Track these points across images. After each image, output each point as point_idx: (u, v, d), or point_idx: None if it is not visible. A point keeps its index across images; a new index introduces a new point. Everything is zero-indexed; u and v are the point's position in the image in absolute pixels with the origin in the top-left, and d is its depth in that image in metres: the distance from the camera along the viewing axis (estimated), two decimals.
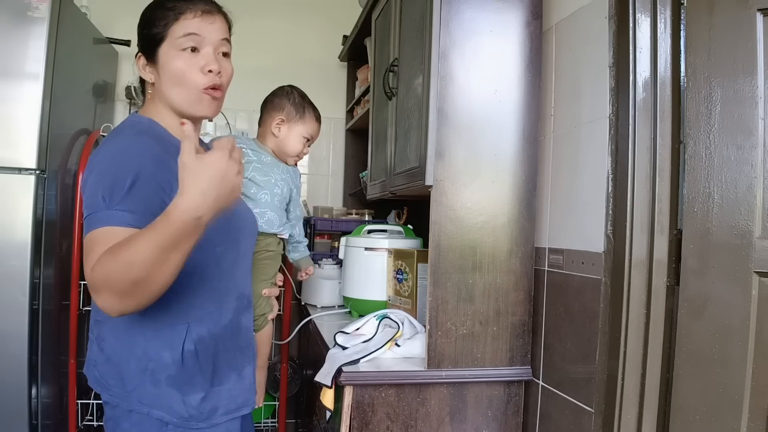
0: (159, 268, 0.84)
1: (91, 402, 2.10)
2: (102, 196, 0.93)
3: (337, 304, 2.19)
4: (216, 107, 1.12)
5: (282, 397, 2.37)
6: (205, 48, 1.07)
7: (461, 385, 1.42)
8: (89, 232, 0.92)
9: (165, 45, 1.07)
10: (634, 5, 1.19)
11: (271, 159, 1.62)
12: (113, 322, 1.03)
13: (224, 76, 1.11)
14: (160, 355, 1.03)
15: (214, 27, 1.09)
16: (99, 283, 0.86)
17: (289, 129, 1.65)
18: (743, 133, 1.05)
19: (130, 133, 1.04)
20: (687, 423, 1.10)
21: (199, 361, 1.06)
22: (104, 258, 0.85)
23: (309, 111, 1.69)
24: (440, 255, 1.39)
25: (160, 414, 1.03)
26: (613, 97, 1.23)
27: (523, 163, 1.45)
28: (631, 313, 1.18)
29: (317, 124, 1.73)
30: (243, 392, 1.15)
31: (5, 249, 1.76)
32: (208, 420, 1.07)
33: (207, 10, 1.09)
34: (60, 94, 1.90)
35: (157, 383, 1.03)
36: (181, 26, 1.06)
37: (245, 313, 1.20)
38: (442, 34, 1.39)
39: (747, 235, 1.04)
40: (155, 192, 0.96)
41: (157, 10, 1.08)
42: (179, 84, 1.07)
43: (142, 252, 0.82)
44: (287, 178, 1.64)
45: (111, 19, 2.50)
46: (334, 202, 2.85)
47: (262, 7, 2.75)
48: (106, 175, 0.95)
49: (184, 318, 1.04)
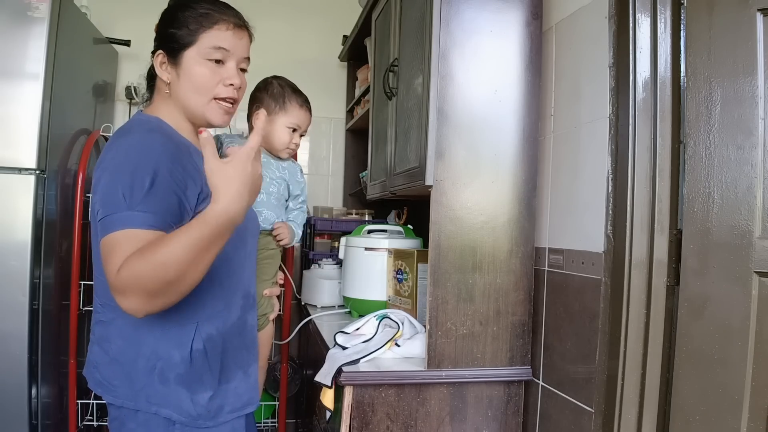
0: (194, 268, 0.87)
1: (91, 402, 2.10)
2: (123, 195, 0.92)
3: (337, 304, 2.19)
4: (228, 119, 1.13)
5: (282, 397, 2.37)
6: (229, 62, 1.09)
7: (461, 385, 1.42)
8: (110, 234, 0.91)
9: (192, 50, 1.06)
10: (634, 5, 1.19)
11: (264, 157, 1.59)
12: (119, 322, 1.03)
13: (241, 90, 1.13)
14: (169, 354, 1.02)
15: (242, 43, 1.11)
16: (128, 285, 0.86)
17: (271, 122, 1.57)
18: (743, 133, 1.05)
19: (142, 131, 1.03)
20: (687, 423, 1.10)
21: (208, 359, 1.06)
22: (133, 260, 0.86)
23: (291, 99, 1.60)
24: (440, 255, 1.39)
25: (168, 413, 1.02)
26: (613, 97, 1.23)
27: (523, 163, 1.45)
28: (631, 313, 1.18)
29: (302, 111, 1.62)
30: (248, 390, 1.15)
31: (5, 249, 1.76)
32: (215, 418, 1.07)
33: (239, 25, 1.10)
34: (60, 94, 1.90)
35: (166, 382, 1.02)
36: (213, 37, 1.06)
37: (251, 312, 1.21)
38: (442, 34, 1.39)
39: (747, 235, 1.04)
40: (173, 190, 0.97)
41: (188, 12, 1.07)
42: (198, 92, 1.08)
43: (177, 253, 0.84)
44: (283, 175, 1.61)
45: (111, 19, 2.50)
46: (334, 202, 2.85)
47: (262, 7, 2.75)
48: (124, 174, 0.94)
49: (193, 317, 1.04)
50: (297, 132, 1.62)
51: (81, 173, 2.04)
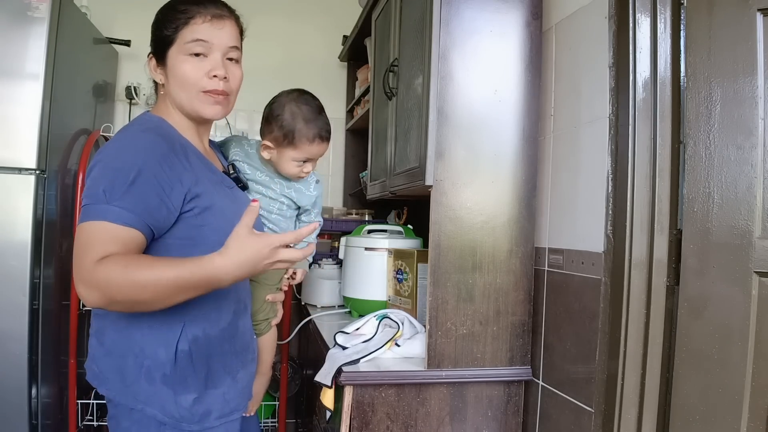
0: (167, 299, 0.91)
1: (91, 402, 2.10)
2: (103, 188, 0.95)
3: (337, 304, 2.19)
4: (220, 110, 1.12)
5: (282, 397, 2.37)
6: (213, 54, 1.08)
7: (461, 385, 1.42)
8: (84, 222, 0.94)
9: (174, 48, 1.08)
10: (634, 5, 1.19)
11: (266, 176, 1.44)
12: (113, 316, 1.05)
13: (232, 81, 1.11)
14: (155, 353, 1.04)
15: (224, 32, 1.09)
16: (98, 284, 0.89)
17: (278, 154, 1.38)
18: (743, 133, 1.05)
19: (138, 130, 1.06)
20: (687, 423, 1.10)
21: (193, 361, 1.06)
22: (115, 266, 0.89)
23: (304, 133, 1.36)
24: (440, 255, 1.39)
25: (153, 412, 1.04)
26: (613, 97, 1.23)
27: (523, 163, 1.45)
28: (631, 313, 1.18)
29: (313, 146, 1.37)
30: (236, 396, 1.15)
31: (5, 249, 1.76)
32: (201, 423, 1.07)
33: (217, 15, 1.09)
34: (60, 94, 1.90)
35: (152, 381, 1.04)
36: (191, 31, 1.07)
37: (243, 317, 1.20)
38: (442, 34, 1.39)
39: (747, 235, 1.04)
40: (156, 192, 0.97)
41: (169, 13, 1.09)
42: (184, 87, 1.08)
43: (160, 283, 0.88)
44: (288, 194, 1.49)
45: (111, 19, 2.50)
46: (334, 202, 2.85)
47: (263, 7, 2.75)
48: (109, 168, 0.97)
49: (181, 317, 1.05)
50: (309, 162, 1.41)
51: (81, 173, 2.04)
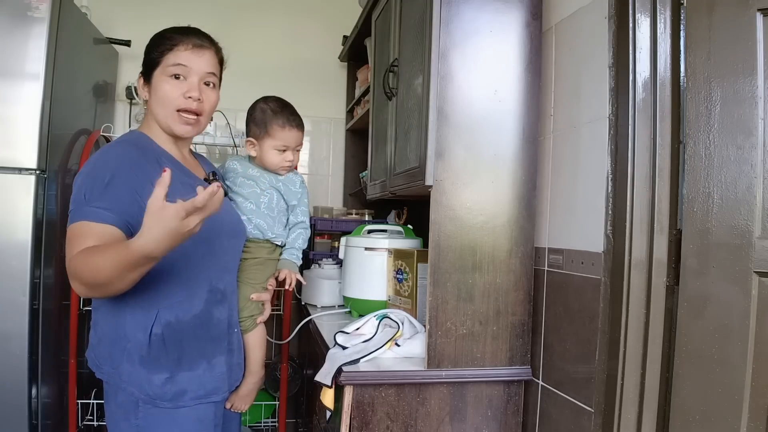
0: (120, 279, 1.01)
1: (91, 402, 2.11)
2: (84, 193, 1.11)
3: (337, 304, 2.19)
4: (190, 129, 1.28)
5: (282, 397, 2.37)
6: (191, 77, 1.25)
7: (461, 385, 1.42)
8: (70, 225, 1.10)
9: (158, 70, 1.25)
10: (634, 5, 1.19)
11: (257, 171, 1.60)
12: (104, 307, 1.21)
13: (206, 103, 1.28)
14: (135, 336, 1.18)
15: (202, 60, 1.26)
16: (73, 273, 1.05)
17: (259, 147, 1.57)
18: (743, 133, 1.05)
19: (116, 143, 1.24)
20: (687, 423, 1.10)
21: (165, 344, 1.20)
22: (80, 256, 1.03)
23: (273, 122, 1.56)
24: (440, 255, 1.39)
25: (133, 390, 1.18)
26: (613, 97, 1.23)
27: (523, 163, 1.45)
28: (631, 313, 1.18)
29: (285, 131, 1.56)
30: (213, 380, 1.27)
31: (5, 249, 1.76)
32: (174, 401, 1.20)
33: (198, 44, 1.26)
34: (60, 94, 1.90)
35: (132, 362, 1.18)
36: (173, 56, 1.24)
37: (218, 306, 1.31)
38: (442, 34, 1.39)
39: (747, 235, 1.04)
40: (129, 192, 1.13)
41: (158, 39, 1.27)
42: (162, 104, 1.25)
43: (107, 266, 0.99)
44: (276, 186, 1.59)
45: (111, 19, 2.50)
46: (334, 202, 2.85)
47: (262, 7, 2.76)
48: (89, 177, 1.14)
49: (155, 304, 1.19)
50: (288, 151, 1.58)
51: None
